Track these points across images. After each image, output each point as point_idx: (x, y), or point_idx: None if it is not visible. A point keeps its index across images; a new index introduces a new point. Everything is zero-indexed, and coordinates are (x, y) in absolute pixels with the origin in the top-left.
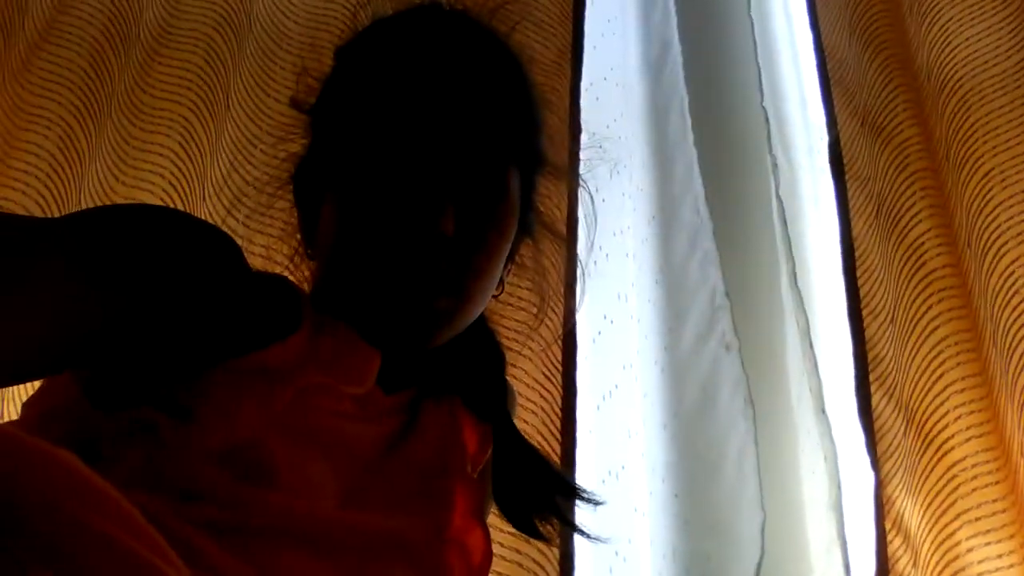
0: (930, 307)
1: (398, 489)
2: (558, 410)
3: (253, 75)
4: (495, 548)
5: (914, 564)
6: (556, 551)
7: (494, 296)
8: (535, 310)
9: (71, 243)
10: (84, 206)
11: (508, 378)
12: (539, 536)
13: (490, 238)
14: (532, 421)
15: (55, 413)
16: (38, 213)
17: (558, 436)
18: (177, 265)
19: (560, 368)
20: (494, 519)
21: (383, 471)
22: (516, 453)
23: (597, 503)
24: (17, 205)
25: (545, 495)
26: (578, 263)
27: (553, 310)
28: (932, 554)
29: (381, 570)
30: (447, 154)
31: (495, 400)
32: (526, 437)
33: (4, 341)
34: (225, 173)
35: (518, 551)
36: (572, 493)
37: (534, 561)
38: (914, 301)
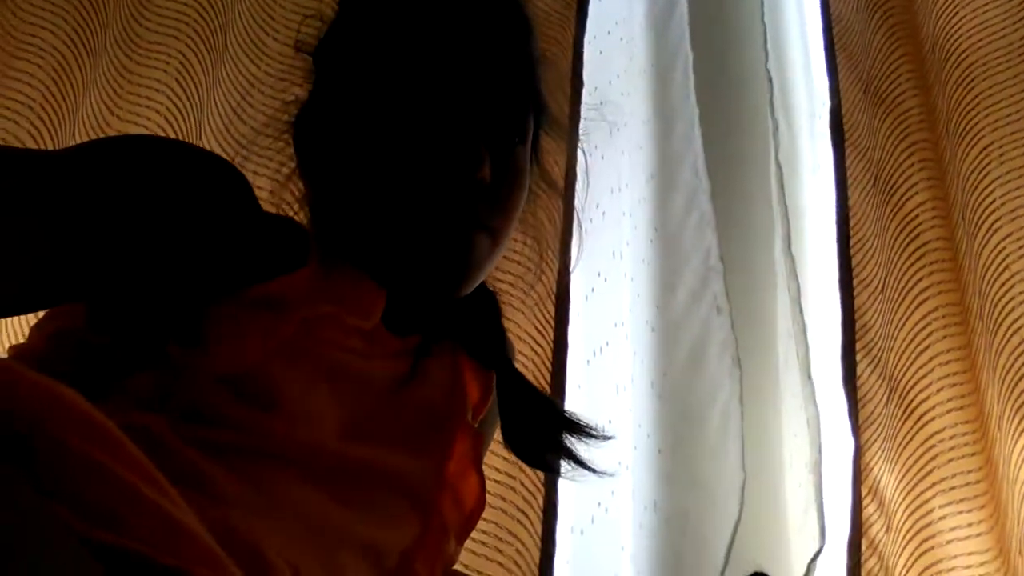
0: (921, 279)
1: (399, 429)
2: (548, 364)
3: (253, 13)
4: None
5: (887, 529)
6: (541, 500)
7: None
8: (530, 264)
9: (77, 171)
10: (78, 139)
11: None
12: (553, 470)
13: (515, 181)
14: (522, 373)
15: (63, 336)
16: (31, 144)
17: (547, 390)
18: (184, 192)
19: (552, 323)
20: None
21: (386, 410)
22: (522, 396)
23: (606, 438)
24: (9, 135)
25: (554, 433)
26: (575, 219)
27: (548, 265)
28: (905, 520)
29: (378, 501)
30: (479, 98)
31: (497, 347)
32: (524, 376)
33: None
34: (222, 112)
35: (503, 498)
36: (580, 430)
37: (518, 509)
38: (905, 272)
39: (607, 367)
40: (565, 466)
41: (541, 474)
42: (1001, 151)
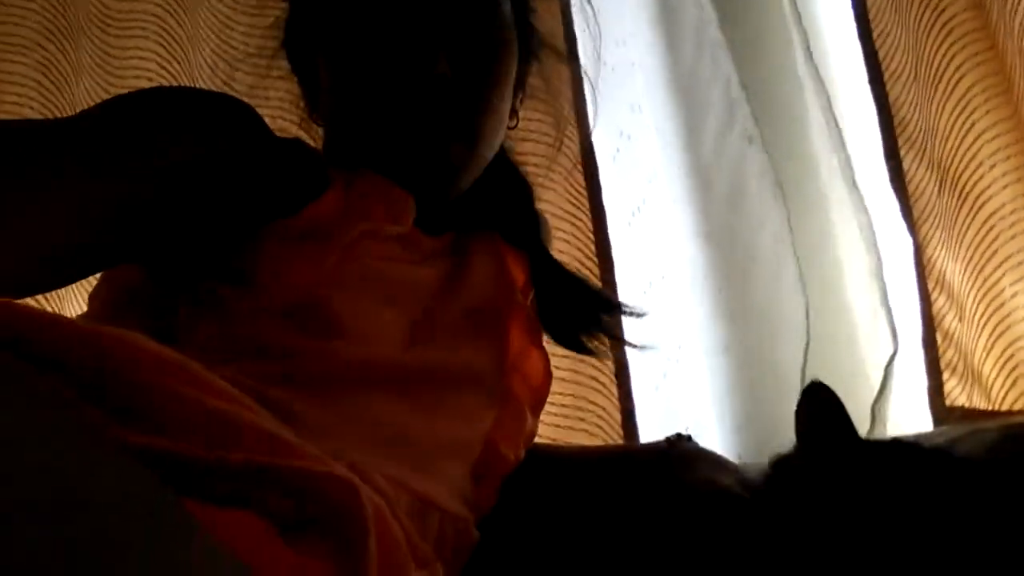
0: (953, 56)
1: (457, 325)
2: (590, 234)
3: None
4: (552, 369)
5: (960, 318)
6: (611, 364)
7: (510, 128)
8: (551, 138)
9: (92, 133)
10: None
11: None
12: (589, 352)
13: (491, 71)
14: (566, 249)
15: (121, 300)
16: None
17: (594, 258)
18: (208, 133)
19: (585, 192)
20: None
21: (440, 310)
22: (555, 279)
23: (639, 315)
24: None
25: (589, 314)
26: (584, 77)
27: (568, 136)
28: (977, 306)
29: (457, 400)
30: None
31: (529, 231)
32: (556, 260)
33: (47, 240)
34: (210, 62)
35: (575, 371)
36: (614, 308)
37: (591, 378)
38: (936, 54)
39: (650, 224)
40: (599, 346)
41: (608, 339)
42: None
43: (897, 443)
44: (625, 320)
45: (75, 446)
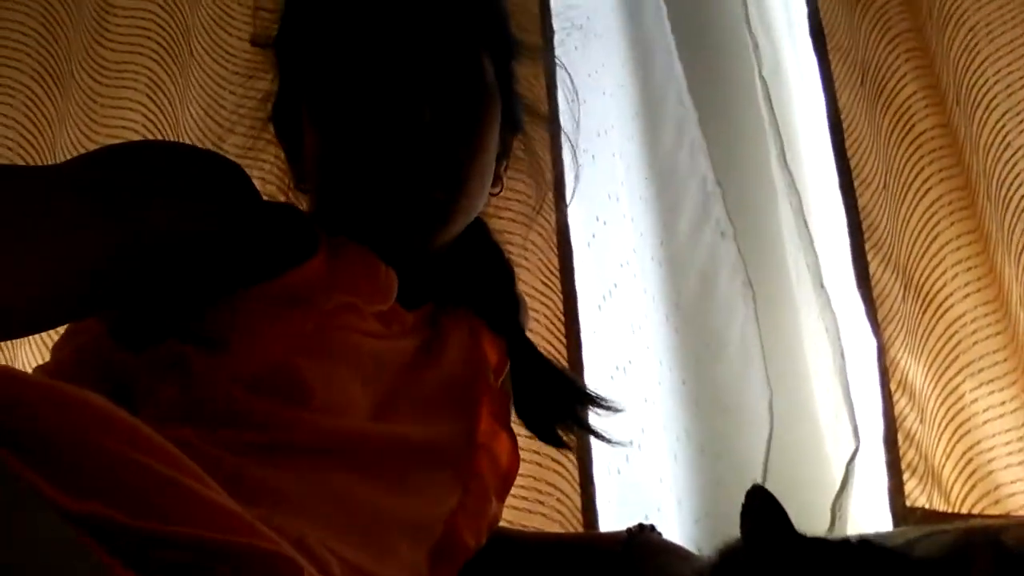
0: (921, 169)
1: (427, 401)
2: (560, 315)
3: (211, 15)
4: None
5: (921, 420)
6: (574, 447)
7: (493, 194)
8: (526, 217)
9: (83, 181)
10: None
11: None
12: (562, 445)
13: (473, 126)
14: (536, 328)
15: (84, 354)
16: None
17: (563, 339)
18: (191, 191)
19: (558, 273)
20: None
21: (411, 384)
22: (532, 367)
23: (616, 410)
24: None
25: (564, 405)
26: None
27: (545, 217)
28: (938, 409)
29: (421, 477)
30: (414, 49)
31: (508, 314)
32: (536, 347)
33: (31, 286)
34: (198, 119)
35: (536, 451)
36: (589, 401)
37: (554, 460)
38: (905, 165)
39: (619, 309)
40: (572, 438)
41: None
42: (988, 29)
43: (837, 541)
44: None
45: (6, 515)
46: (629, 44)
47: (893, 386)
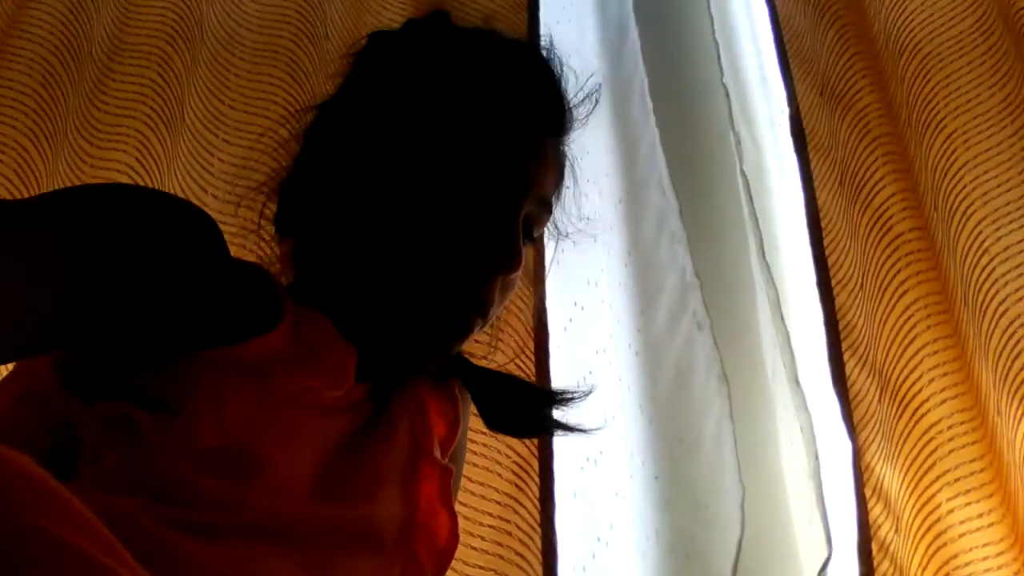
0: (898, 271)
1: (368, 477)
2: None
3: (208, 84)
4: (476, 541)
5: (896, 530)
6: (539, 540)
7: None
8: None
9: (51, 218)
10: None
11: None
12: (544, 430)
13: (518, 276)
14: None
15: (29, 398)
16: None
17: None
18: (157, 243)
19: (533, 357)
20: (469, 511)
21: (354, 460)
22: (491, 382)
23: (586, 393)
24: None
25: (530, 409)
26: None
27: (523, 299)
28: (914, 518)
29: (348, 562)
30: (541, 201)
31: (455, 360)
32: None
33: None
34: (182, 182)
35: (499, 543)
36: (553, 399)
37: (516, 553)
38: (882, 267)
39: (593, 396)
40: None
41: (537, 515)
42: (965, 137)
43: None
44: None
45: None
46: (614, 135)
47: (868, 492)
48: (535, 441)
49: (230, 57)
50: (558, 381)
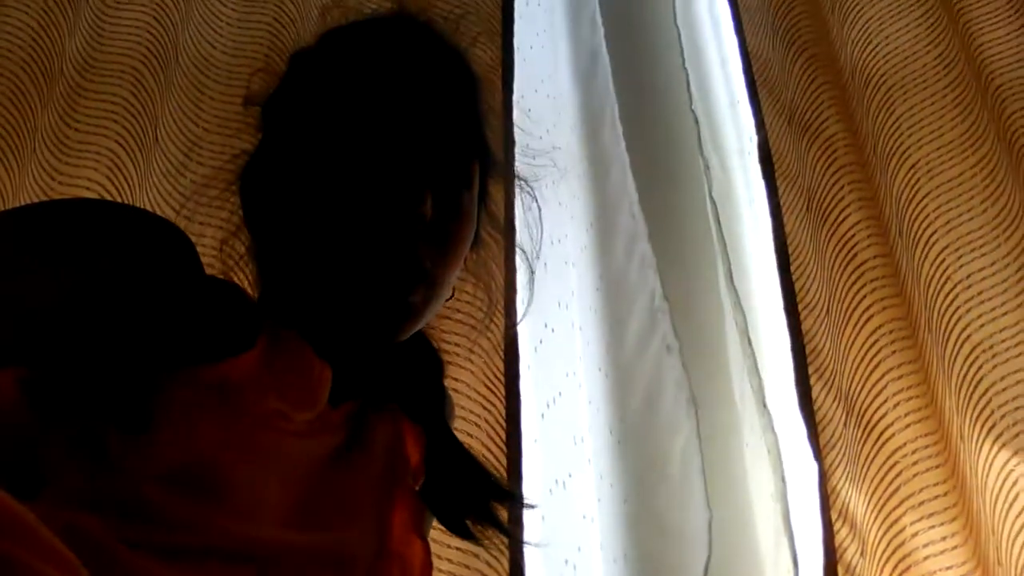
0: (864, 297)
1: (341, 503)
2: (502, 420)
3: (181, 106)
4: (443, 564)
5: (861, 553)
6: (506, 563)
7: (446, 300)
8: (480, 316)
9: (20, 231)
10: None
11: (448, 388)
12: (472, 538)
13: (458, 229)
14: (476, 433)
15: None
16: None
17: (503, 446)
18: (129, 259)
19: (502, 378)
20: (436, 534)
21: (327, 485)
22: (450, 457)
23: (531, 507)
24: None
25: (479, 499)
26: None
27: (494, 321)
28: (879, 542)
29: None
30: (422, 143)
31: (430, 404)
32: (469, 448)
33: None
34: (154, 202)
35: (467, 566)
36: (506, 498)
37: (482, 575)
38: (848, 292)
39: (563, 418)
40: (485, 533)
41: (504, 538)
42: (929, 167)
43: None
44: (527, 515)
45: None
46: (586, 159)
47: (834, 515)
48: (503, 463)
49: (204, 79)
50: (528, 404)
